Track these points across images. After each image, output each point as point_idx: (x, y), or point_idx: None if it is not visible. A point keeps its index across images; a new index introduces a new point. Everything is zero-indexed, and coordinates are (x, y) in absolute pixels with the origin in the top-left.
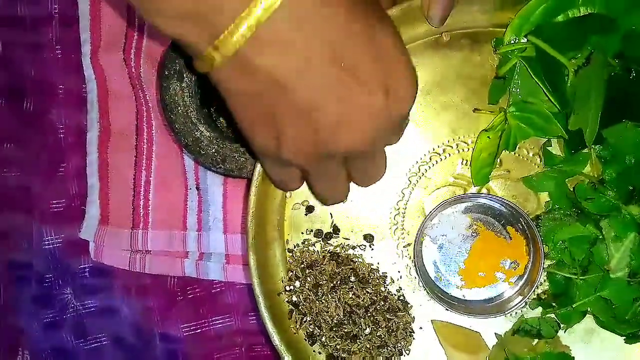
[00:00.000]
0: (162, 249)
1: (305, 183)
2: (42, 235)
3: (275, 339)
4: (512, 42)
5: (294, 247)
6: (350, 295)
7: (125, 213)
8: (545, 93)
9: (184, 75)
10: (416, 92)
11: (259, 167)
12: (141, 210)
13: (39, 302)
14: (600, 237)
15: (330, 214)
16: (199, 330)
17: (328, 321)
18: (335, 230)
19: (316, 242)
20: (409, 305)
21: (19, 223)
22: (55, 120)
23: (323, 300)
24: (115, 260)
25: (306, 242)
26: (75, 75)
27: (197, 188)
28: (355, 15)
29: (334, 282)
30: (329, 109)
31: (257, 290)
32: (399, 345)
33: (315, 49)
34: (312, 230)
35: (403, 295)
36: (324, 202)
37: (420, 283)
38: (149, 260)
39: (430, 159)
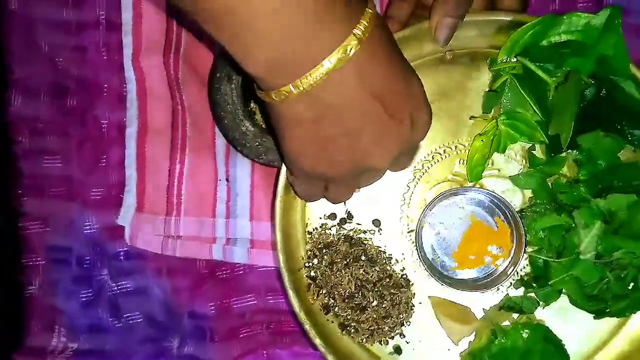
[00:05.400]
0: (192, 235)
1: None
2: (83, 220)
3: (296, 308)
4: (505, 61)
5: (313, 230)
6: (361, 272)
7: (160, 201)
8: (531, 104)
9: (233, 78)
10: (430, 124)
11: None
12: (174, 199)
13: (78, 282)
14: (573, 225)
15: (344, 202)
16: (225, 308)
17: (341, 293)
18: (349, 216)
19: (332, 226)
20: (410, 283)
21: (61, 209)
22: (100, 116)
23: (337, 275)
24: (148, 244)
25: (323, 226)
26: (118, 76)
27: (227, 180)
28: (397, 66)
29: (347, 260)
30: (370, 133)
31: (283, 265)
32: (401, 317)
33: (365, 86)
34: (329, 216)
35: (405, 274)
36: (335, 202)
37: (421, 264)
38: (180, 245)
39: (433, 158)
